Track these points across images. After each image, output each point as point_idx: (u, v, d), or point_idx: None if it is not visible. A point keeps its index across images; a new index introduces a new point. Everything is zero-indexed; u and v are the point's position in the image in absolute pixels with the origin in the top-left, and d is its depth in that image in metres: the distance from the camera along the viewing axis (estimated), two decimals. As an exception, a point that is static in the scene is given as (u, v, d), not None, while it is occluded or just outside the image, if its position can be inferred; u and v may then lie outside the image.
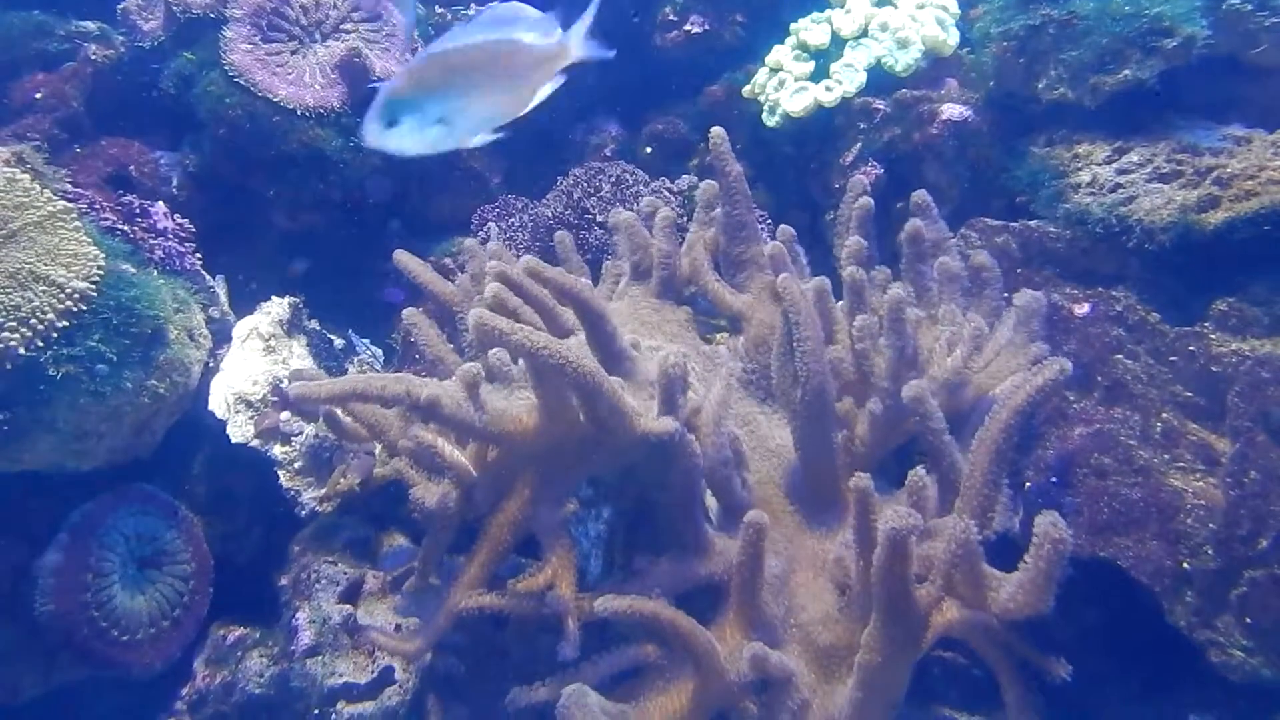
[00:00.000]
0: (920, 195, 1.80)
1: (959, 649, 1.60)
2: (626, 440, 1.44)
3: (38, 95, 2.33)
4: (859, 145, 2.11)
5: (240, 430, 1.94)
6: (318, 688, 1.72)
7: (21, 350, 1.57)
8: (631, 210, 2.01)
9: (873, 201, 1.77)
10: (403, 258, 1.87)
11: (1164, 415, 1.57)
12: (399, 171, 2.32)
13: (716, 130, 1.83)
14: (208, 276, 2.09)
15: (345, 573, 1.84)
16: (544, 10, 1.48)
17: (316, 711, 1.72)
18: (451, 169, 2.47)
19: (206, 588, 1.88)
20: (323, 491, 1.94)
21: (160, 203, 2.11)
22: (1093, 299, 1.69)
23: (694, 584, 1.50)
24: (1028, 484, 1.59)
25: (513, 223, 2.30)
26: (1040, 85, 1.87)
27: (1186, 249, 1.61)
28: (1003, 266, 1.76)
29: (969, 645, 1.45)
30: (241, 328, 2.06)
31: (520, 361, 1.57)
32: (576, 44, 1.47)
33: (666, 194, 2.22)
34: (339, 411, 1.70)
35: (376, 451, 1.91)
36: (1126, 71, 1.75)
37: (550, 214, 2.22)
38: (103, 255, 1.71)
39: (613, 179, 2.23)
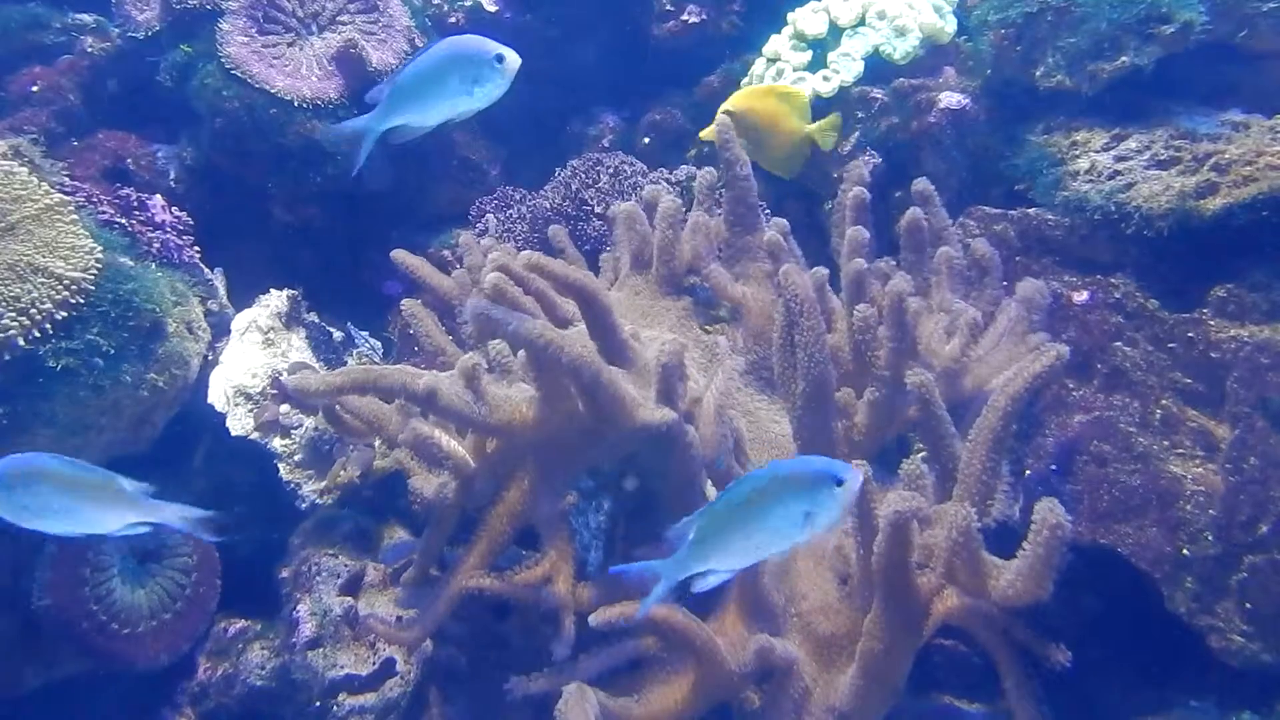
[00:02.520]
0: (922, 184, 1.79)
1: (959, 637, 1.60)
2: (625, 430, 1.43)
3: (34, 88, 2.32)
4: (857, 134, 2.11)
5: (240, 423, 1.94)
6: (319, 680, 1.72)
7: (21, 341, 1.57)
8: (630, 201, 2.01)
9: (868, 192, 1.77)
10: (401, 255, 1.87)
11: (1163, 402, 1.57)
12: (397, 164, 2.31)
13: (722, 117, 1.83)
14: (206, 269, 2.09)
15: (346, 565, 1.84)
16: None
17: (318, 703, 1.72)
18: (449, 160, 2.46)
19: (212, 579, 1.88)
20: (323, 484, 1.94)
21: (158, 195, 2.10)
22: (1091, 286, 1.69)
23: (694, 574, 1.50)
24: (1027, 471, 1.60)
25: (511, 214, 2.29)
26: (1038, 73, 1.87)
27: (1185, 235, 1.61)
28: (1001, 255, 1.76)
29: (969, 633, 1.45)
30: (240, 320, 2.06)
31: (520, 352, 1.57)
32: None
33: (665, 185, 2.21)
34: (338, 407, 1.70)
35: (376, 443, 1.91)
36: (1124, 58, 1.75)
37: (548, 205, 2.22)
38: (100, 248, 1.71)
39: (611, 170, 2.23)
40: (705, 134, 2.11)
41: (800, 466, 1.18)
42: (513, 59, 1.45)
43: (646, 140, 2.50)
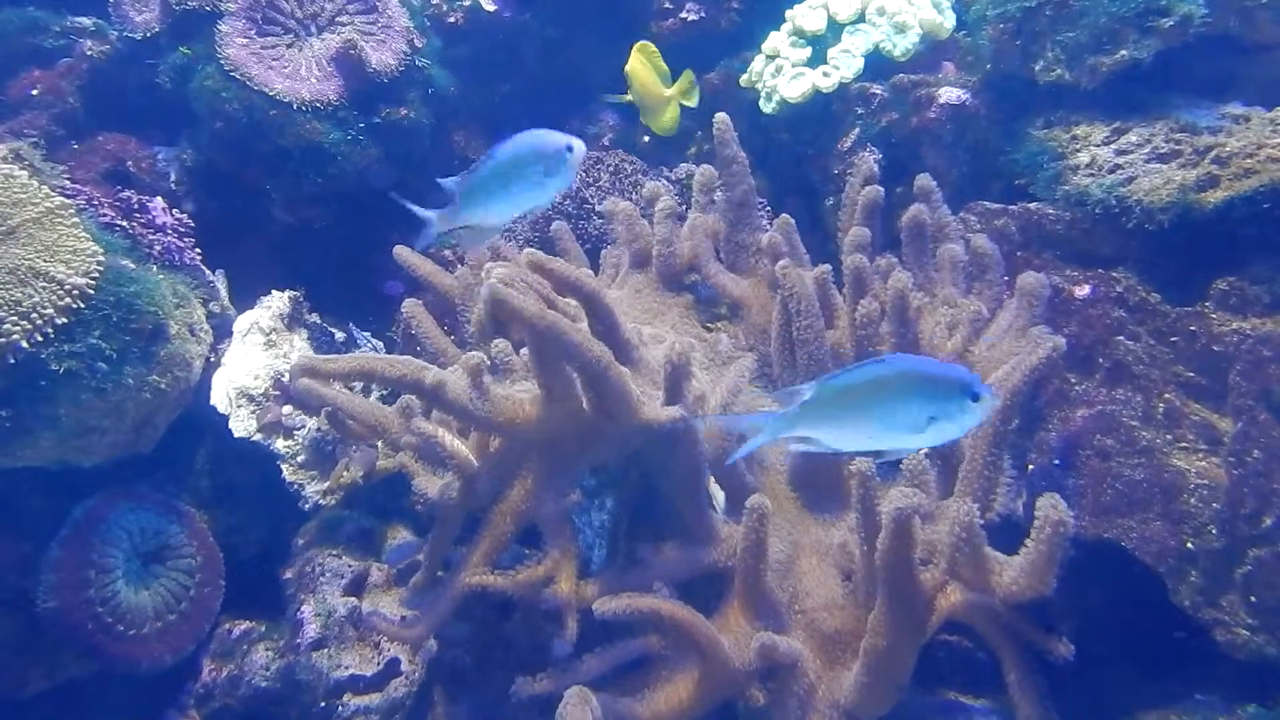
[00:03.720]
0: (924, 180, 1.79)
1: (964, 633, 1.60)
2: (630, 428, 1.43)
3: (34, 92, 2.32)
4: (857, 130, 2.11)
5: (242, 424, 1.94)
6: (324, 680, 1.72)
7: (24, 344, 1.57)
8: (630, 199, 2.01)
9: (881, 190, 1.77)
10: (403, 252, 1.87)
11: (1166, 395, 1.57)
12: (398, 164, 2.31)
13: (721, 116, 1.83)
14: (207, 271, 2.09)
15: (350, 566, 1.84)
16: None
17: (323, 704, 1.72)
18: (450, 160, 2.46)
19: (216, 581, 1.88)
20: (326, 485, 1.95)
21: (159, 198, 2.10)
22: (1093, 280, 1.69)
23: (698, 572, 1.50)
24: (1031, 466, 1.59)
25: (512, 213, 2.29)
26: (1037, 67, 1.86)
27: (1186, 229, 1.61)
28: (1002, 249, 1.75)
29: (974, 629, 1.45)
30: (242, 322, 2.06)
31: (522, 351, 1.57)
32: None
33: (664, 182, 2.21)
34: (340, 411, 1.70)
35: (378, 444, 1.90)
36: (1124, 52, 1.75)
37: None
38: (102, 251, 1.71)
39: (611, 168, 2.23)
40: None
41: (938, 369, 1.16)
42: (579, 147, 1.47)
43: (646, 138, 2.50)
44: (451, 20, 2.51)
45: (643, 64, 2.26)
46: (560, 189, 1.51)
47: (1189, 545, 1.45)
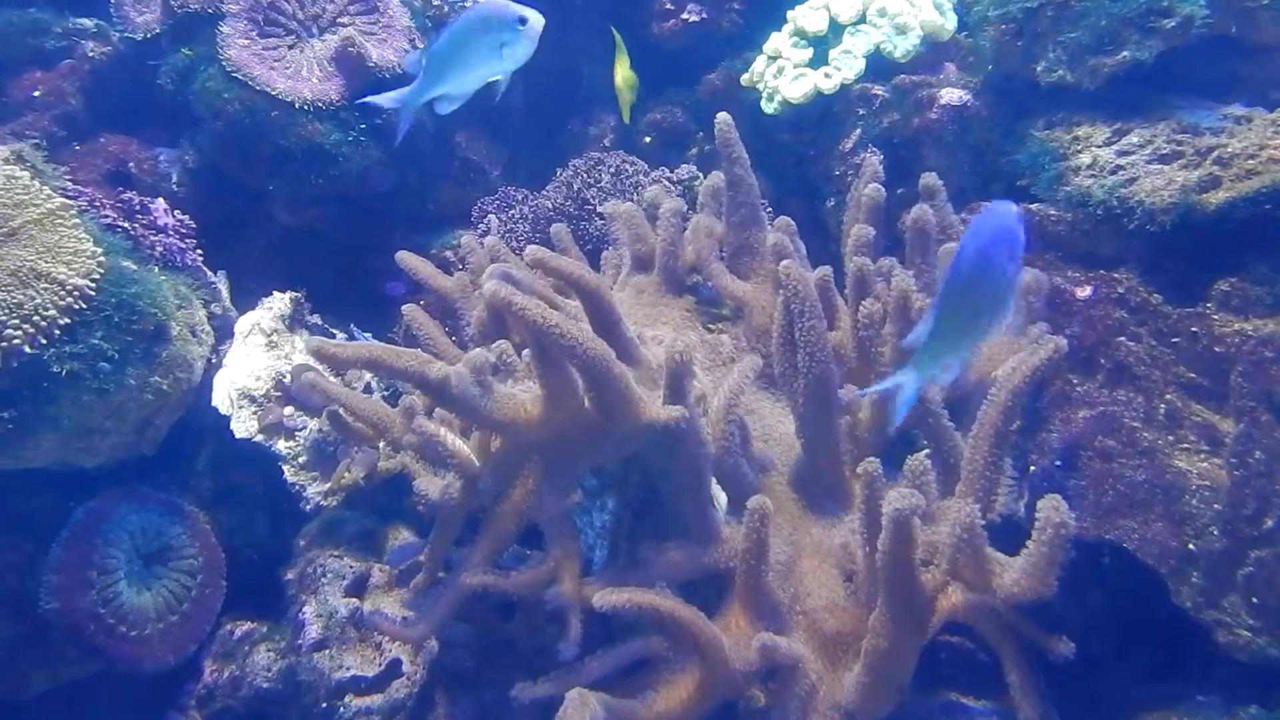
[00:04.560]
0: (929, 179, 1.79)
1: (966, 634, 1.60)
2: (632, 428, 1.43)
3: (36, 93, 2.33)
4: (858, 131, 2.11)
5: (244, 425, 1.94)
6: (325, 681, 1.72)
7: (26, 348, 1.57)
8: (631, 201, 2.01)
9: (883, 190, 1.77)
10: (405, 257, 1.87)
11: (1167, 396, 1.57)
12: (399, 164, 2.32)
13: (723, 116, 1.83)
14: (209, 272, 2.09)
15: (351, 567, 1.84)
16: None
17: (324, 705, 1.72)
18: (451, 161, 2.46)
19: (218, 581, 1.88)
20: (327, 486, 1.95)
21: (160, 199, 2.11)
22: (1094, 281, 1.69)
23: (699, 572, 1.49)
24: (1032, 467, 1.59)
25: (513, 214, 2.29)
26: (1039, 68, 1.86)
27: (1188, 230, 1.60)
28: (1004, 250, 1.75)
29: (975, 630, 1.45)
30: (243, 323, 2.06)
31: (524, 353, 1.57)
32: None
33: (666, 183, 2.21)
34: (341, 410, 1.70)
35: (380, 445, 1.91)
36: (1125, 52, 1.75)
37: (550, 205, 2.22)
38: (103, 252, 1.72)
39: (612, 169, 2.23)
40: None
41: (990, 220, 1.13)
42: (536, 20, 1.50)
43: (648, 139, 2.50)
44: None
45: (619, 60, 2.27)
46: (518, 61, 1.54)
47: (1190, 546, 1.45)
